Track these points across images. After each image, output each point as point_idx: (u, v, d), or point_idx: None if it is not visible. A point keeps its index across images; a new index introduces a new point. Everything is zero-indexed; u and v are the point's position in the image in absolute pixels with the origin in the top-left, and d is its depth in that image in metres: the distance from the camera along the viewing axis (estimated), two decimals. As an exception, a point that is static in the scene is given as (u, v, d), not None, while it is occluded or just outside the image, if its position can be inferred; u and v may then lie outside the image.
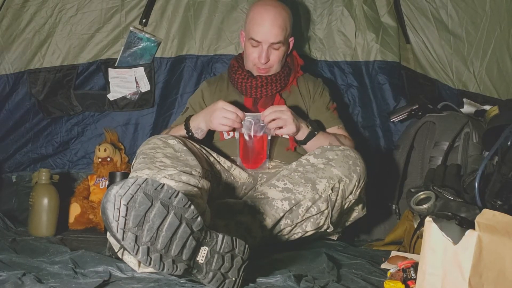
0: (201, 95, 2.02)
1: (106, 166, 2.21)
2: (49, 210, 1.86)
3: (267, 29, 1.83)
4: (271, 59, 1.88)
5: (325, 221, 1.58)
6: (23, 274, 1.14)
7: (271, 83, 1.90)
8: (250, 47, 1.90)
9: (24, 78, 2.16)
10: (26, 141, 2.23)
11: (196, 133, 1.79)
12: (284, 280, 1.22)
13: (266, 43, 1.85)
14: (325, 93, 2.00)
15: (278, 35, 1.84)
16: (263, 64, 1.88)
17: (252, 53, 1.89)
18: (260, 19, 1.85)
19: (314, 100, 1.98)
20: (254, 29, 1.85)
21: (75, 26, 2.19)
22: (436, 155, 1.99)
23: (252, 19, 1.88)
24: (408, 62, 2.37)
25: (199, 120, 1.79)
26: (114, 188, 1.05)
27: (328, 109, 1.97)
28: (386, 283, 1.18)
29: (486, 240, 0.94)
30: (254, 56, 1.89)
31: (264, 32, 1.84)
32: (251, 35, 1.86)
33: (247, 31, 1.91)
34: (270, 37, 1.84)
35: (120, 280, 1.18)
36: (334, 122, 1.94)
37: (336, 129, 1.93)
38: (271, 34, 1.84)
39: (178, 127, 1.87)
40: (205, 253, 1.11)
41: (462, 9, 2.17)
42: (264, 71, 1.91)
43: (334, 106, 1.99)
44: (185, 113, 1.97)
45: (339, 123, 1.95)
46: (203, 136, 1.81)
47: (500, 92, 2.17)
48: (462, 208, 1.58)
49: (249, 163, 1.78)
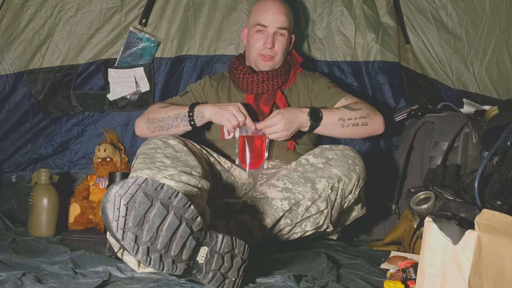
0: (203, 85, 2.03)
1: (106, 166, 2.21)
2: (49, 210, 1.86)
3: (273, 14, 1.91)
4: (276, 45, 1.91)
5: (325, 220, 1.58)
6: (22, 274, 1.14)
7: (272, 79, 1.91)
8: (255, 36, 1.93)
9: (23, 78, 2.16)
10: (25, 141, 2.23)
11: (196, 116, 1.80)
12: (283, 280, 1.22)
13: (273, 27, 1.90)
14: (322, 79, 2.00)
15: (283, 21, 1.91)
16: (268, 50, 1.90)
17: (258, 40, 1.92)
18: (266, 7, 1.93)
19: (312, 90, 1.97)
20: (261, 15, 1.92)
21: (74, 26, 2.19)
22: (436, 155, 1.99)
23: (258, 9, 1.95)
24: (408, 62, 2.37)
25: (207, 107, 1.80)
26: (114, 188, 1.05)
27: (329, 87, 1.96)
28: (386, 283, 1.18)
29: (485, 240, 0.94)
30: (259, 44, 1.92)
31: (270, 17, 1.91)
32: (257, 21, 1.92)
33: (252, 20, 1.95)
34: (276, 22, 1.90)
35: (119, 280, 1.18)
36: (339, 95, 1.91)
37: (344, 100, 1.89)
38: (277, 19, 1.91)
39: (177, 106, 1.87)
40: (205, 253, 1.11)
41: (462, 9, 2.17)
42: (268, 58, 1.92)
43: (334, 84, 1.98)
44: (184, 96, 1.99)
45: (345, 95, 1.91)
46: (200, 124, 1.82)
47: (499, 92, 2.17)
48: (462, 208, 1.58)
49: (247, 164, 1.78)
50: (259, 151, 1.77)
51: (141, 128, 1.90)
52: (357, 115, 1.80)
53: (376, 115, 1.85)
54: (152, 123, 1.86)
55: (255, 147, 1.77)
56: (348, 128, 1.79)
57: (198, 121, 1.81)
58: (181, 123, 1.82)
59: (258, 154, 1.78)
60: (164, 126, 1.84)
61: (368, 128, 1.83)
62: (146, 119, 1.88)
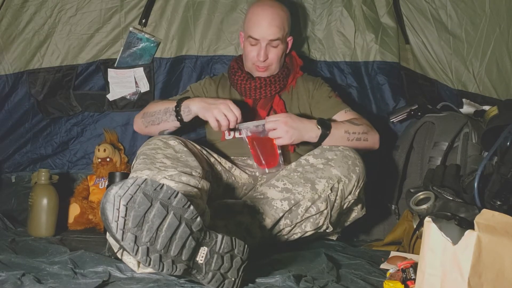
0: (203, 85, 2.02)
1: (106, 166, 2.21)
2: (49, 211, 1.86)
3: (264, 27, 1.86)
4: (269, 57, 1.89)
5: (325, 221, 1.58)
6: (22, 274, 1.14)
7: (270, 84, 1.91)
8: (248, 46, 1.91)
9: (23, 78, 2.16)
10: (25, 141, 2.22)
11: (183, 111, 1.77)
12: (283, 280, 1.22)
13: (264, 40, 1.86)
14: (323, 86, 1.99)
15: (275, 33, 1.86)
16: (261, 62, 1.89)
17: (251, 51, 1.90)
18: (257, 19, 1.87)
19: (313, 96, 1.97)
20: (252, 28, 1.88)
21: (74, 26, 2.19)
22: (436, 155, 1.99)
23: (250, 19, 1.90)
24: (408, 63, 2.37)
25: (195, 102, 1.76)
26: (113, 189, 1.05)
27: (330, 97, 1.95)
28: (386, 283, 1.18)
29: (485, 240, 0.94)
30: (253, 55, 1.90)
31: (261, 30, 1.86)
32: (249, 33, 1.88)
33: (245, 31, 1.93)
34: (268, 34, 1.86)
35: (119, 281, 1.18)
36: (339, 107, 1.91)
37: (344, 113, 1.89)
38: (268, 32, 1.86)
39: (169, 101, 1.86)
40: (205, 254, 1.11)
41: (462, 10, 2.17)
42: (263, 69, 1.91)
43: (336, 94, 1.98)
44: (183, 95, 1.98)
45: (345, 107, 1.92)
46: (187, 119, 1.78)
47: (499, 92, 2.17)
48: (462, 208, 1.58)
49: (263, 164, 1.75)
50: (271, 149, 1.75)
51: (137, 123, 1.93)
52: (360, 130, 1.80)
53: (374, 132, 1.86)
54: (145, 117, 1.87)
55: (266, 146, 1.75)
56: (352, 142, 1.78)
57: (185, 116, 1.78)
58: (170, 118, 1.80)
59: (271, 153, 1.75)
60: (155, 121, 1.84)
61: (368, 144, 1.83)
62: (142, 114, 1.90)
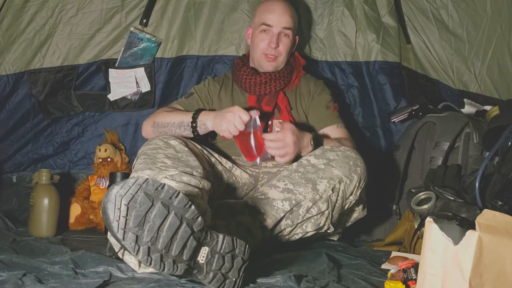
0: (207, 86, 2.01)
1: (107, 166, 2.21)
2: (50, 211, 1.86)
3: (278, 15, 1.93)
4: (280, 46, 1.92)
5: (326, 221, 1.58)
6: (23, 274, 1.14)
7: (274, 80, 1.91)
8: (259, 35, 1.94)
9: (24, 79, 2.16)
10: (26, 141, 2.23)
11: (199, 127, 1.75)
12: (284, 280, 1.22)
13: (278, 27, 1.92)
14: (325, 93, 2.00)
15: (289, 22, 1.93)
16: (273, 50, 1.91)
17: (262, 40, 1.93)
18: (272, 8, 1.95)
19: (313, 99, 1.97)
20: (267, 15, 1.94)
21: (75, 26, 2.19)
22: (437, 155, 1.99)
23: (263, 9, 1.97)
24: (409, 63, 2.37)
25: (210, 117, 1.73)
26: (114, 188, 1.05)
27: (328, 107, 1.95)
28: (387, 284, 1.18)
29: (486, 241, 0.94)
30: (264, 43, 1.93)
31: (276, 17, 1.92)
32: (262, 21, 1.93)
33: (258, 20, 1.96)
34: (282, 22, 1.92)
35: (120, 281, 1.18)
36: (333, 121, 1.92)
37: (336, 128, 1.91)
38: (282, 19, 1.93)
39: (182, 113, 1.83)
40: (206, 253, 1.11)
41: (463, 9, 2.17)
42: (272, 58, 1.93)
43: (335, 105, 1.98)
44: (189, 97, 1.97)
45: (338, 122, 1.93)
46: (203, 133, 1.78)
47: (500, 92, 2.17)
48: (463, 208, 1.58)
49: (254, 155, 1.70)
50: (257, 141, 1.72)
51: (147, 131, 1.86)
52: None
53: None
54: (157, 127, 1.83)
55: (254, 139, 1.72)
56: None
57: (201, 131, 1.76)
58: (185, 132, 1.77)
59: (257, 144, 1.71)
60: (168, 132, 1.78)
61: None
62: (152, 123, 1.84)
